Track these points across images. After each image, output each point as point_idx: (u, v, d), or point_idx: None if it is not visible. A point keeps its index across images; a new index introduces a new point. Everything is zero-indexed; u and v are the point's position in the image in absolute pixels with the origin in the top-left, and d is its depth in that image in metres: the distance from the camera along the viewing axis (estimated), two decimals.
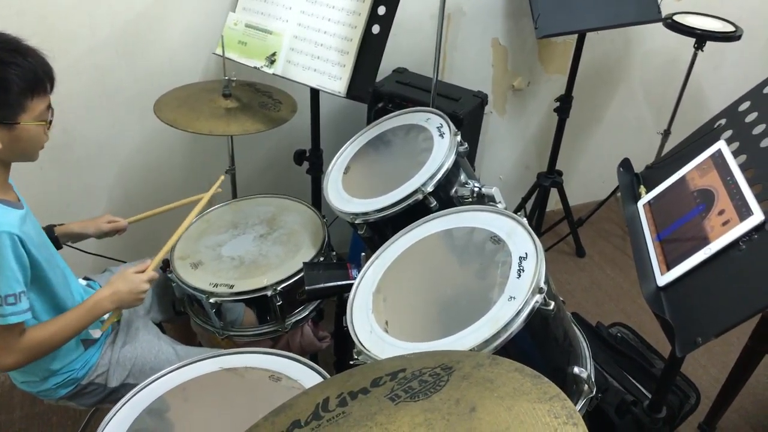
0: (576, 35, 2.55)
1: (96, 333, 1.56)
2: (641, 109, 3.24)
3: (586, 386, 1.25)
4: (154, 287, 1.79)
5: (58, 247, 1.66)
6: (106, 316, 1.48)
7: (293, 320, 1.79)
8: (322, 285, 1.61)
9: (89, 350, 1.54)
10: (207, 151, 2.38)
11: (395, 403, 0.85)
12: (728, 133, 1.40)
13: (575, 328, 1.40)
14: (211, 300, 1.66)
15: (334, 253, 1.90)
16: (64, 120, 2.12)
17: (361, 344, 1.24)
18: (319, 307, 1.87)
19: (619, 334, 1.95)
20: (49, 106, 1.32)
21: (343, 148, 1.85)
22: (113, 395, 1.56)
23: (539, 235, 2.07)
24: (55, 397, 1.54)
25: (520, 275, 1.19)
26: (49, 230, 1.66)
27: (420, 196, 1.53)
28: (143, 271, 1.49)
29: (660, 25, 2.55)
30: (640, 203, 1.46)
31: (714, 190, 1.25)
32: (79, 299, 1.51)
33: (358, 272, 1.45)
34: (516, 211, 1.35)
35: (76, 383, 1.53)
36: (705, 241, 1.16)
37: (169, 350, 1.62)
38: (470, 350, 1.10)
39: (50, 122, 1.34)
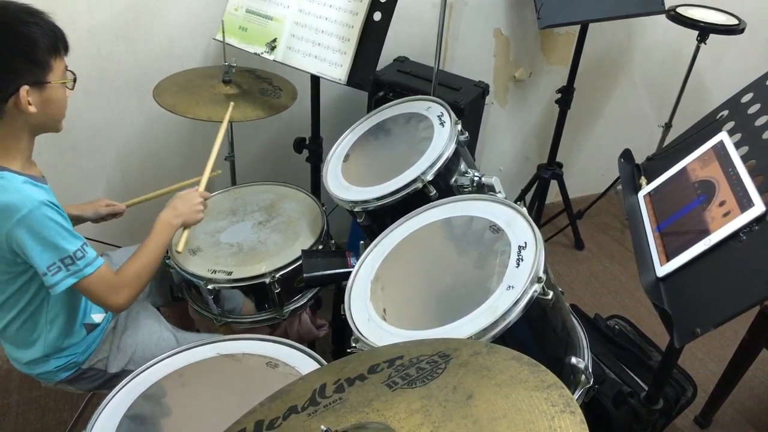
0: (578, 26, 2.54)
1: (98, 317, 1.56)
2: (642, 101, 3.23)
3: (583, 377, 1.24)
4: None
5: None
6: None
7: (291, 308, 1.79)
8: (320, 273, 1.61)
9: (91, 334, 1.54)
10: (206, 137, 2.35)
11: (392, 389, 0.85)
12: (730, 124, 1.39)
13: (573, 318, 1.40)
14: (209, 286, 1.66)
15: (333, 241, 1.89)
16: None
17: (359, 332, 1.24)
18: (317, 296, 1.87)
19: (616, 327, 1.95)
20: (66, 67, 1.34)
21: (342, 135, 1.84)
22: (113, 381, 1.56)
23: (538, 227, 2.04)
24: (55, 380, 1.54)
25: (519, 264, 1.19)
26: None
27: (419, 185, 1.52)
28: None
29: (663, 17, 2.53)
30: (641, 194, 1.45)
31: (715, 182, 1.24)
32: None
33: (357, 260, 1.45)
34: (515, 203, 1.34)
35: (76, 367, 1.53)
36: (705, 233, 1.15)
37: (170, 338, 1.62)
38: (468, 339, 1.10)
39: (74, 81, 1.36)
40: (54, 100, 1.31)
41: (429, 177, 1.52)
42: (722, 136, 1.34)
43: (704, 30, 2.53)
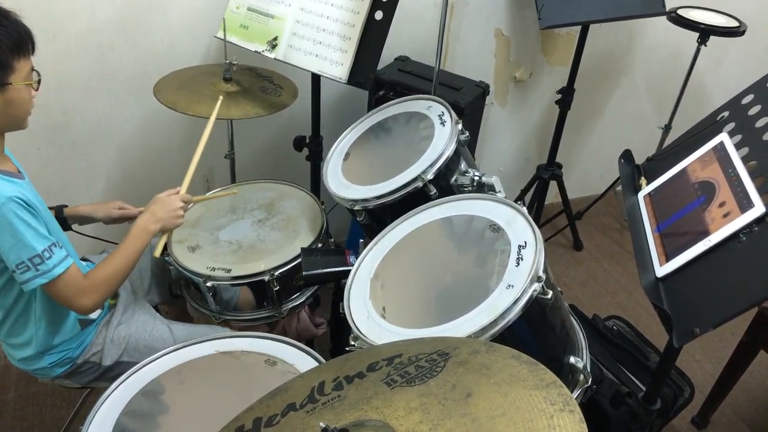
0: (579, 27, 2.54)
1: (93, 314, 1.56)
2: (642, 103, 3.23)
3: (581, 376, 1.24)
4: (153, 268, 1.80)
5: (67, 228, 1.68)
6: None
7: (290, 306, 1.79)
8: (319, 271, 1.61)
9: (85, 330, 1.55)
10: None
11: (391, 387, 0.85)
12: (731, 125, 1.39)
13: (572, 318, 1.40)
14: (208, 284, 1.66)
15: (333, 240, 1.89)
16: (62, 100, 2.10)
17: (358, 330, 1.24)
18: (315, 294, 1.87)
19: (615, 327, 1.95)
20: (33, 68, 1.32)
21: (343, 134, 1.84)
22: (108, 373, 1.57)
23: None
24: (51, 375, 1.54)
25: (518, 263, 1.19)
26: (59, 211, 1.67)
27: (420, 184, 1.52)
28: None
29: (664, 18, 2.54)
30: (641, 195, 1.45)
31: (715, 182, 1.24)
32: None
33: (356, 259, 1.45)
34: (515, 203, 1.34)
35: (71, 362, 1.54)
36: (705, 233, 1.15)
37: (163, 328, 1.62)
38: (467, 337, 1.10)
39: (39, 81, 1.34)
40: (16, 101, 1.29)
41: (429, 176, 1.52)
42: (723, 137, 1.34)
43: (705, 32, 2.54)
